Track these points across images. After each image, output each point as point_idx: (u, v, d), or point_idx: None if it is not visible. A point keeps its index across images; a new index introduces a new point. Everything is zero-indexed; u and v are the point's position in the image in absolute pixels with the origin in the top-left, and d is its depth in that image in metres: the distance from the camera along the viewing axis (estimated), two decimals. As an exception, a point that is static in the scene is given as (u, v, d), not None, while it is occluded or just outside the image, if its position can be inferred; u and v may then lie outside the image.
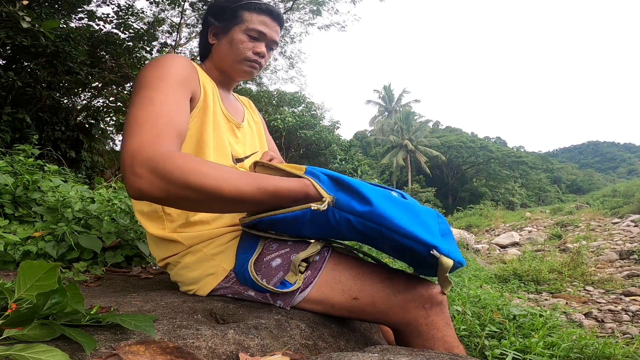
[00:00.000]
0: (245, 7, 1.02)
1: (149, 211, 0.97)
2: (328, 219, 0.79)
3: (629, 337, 2.86)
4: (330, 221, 0.79)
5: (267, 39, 1.04)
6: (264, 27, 1.02)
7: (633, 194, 12.19)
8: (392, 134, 33.95)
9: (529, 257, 6.11)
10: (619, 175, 55.73)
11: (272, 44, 1.07)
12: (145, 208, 0.97)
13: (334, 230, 0.81)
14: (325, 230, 0.83)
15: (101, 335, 0.58)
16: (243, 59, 1.03)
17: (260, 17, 1.02)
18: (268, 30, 1.03)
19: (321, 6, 10.83)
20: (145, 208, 0.97)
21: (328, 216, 0.79)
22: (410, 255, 0.82)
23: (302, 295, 0.86)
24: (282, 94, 14.58)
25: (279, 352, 0.67)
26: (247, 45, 1.02)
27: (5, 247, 1.31)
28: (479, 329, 1.90)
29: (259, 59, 1.05)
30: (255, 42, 1.03)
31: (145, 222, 0.98)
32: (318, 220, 0.80)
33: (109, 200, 1.73)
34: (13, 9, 2.66)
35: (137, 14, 6.27)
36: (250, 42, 1.02)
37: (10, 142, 4.25)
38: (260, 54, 1.04)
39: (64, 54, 4.65)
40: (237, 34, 1.02)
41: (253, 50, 1.03)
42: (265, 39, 1.04)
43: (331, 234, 0.85)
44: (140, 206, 0.98)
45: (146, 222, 0.97)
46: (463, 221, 14.33)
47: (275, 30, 1.05)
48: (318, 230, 0.84)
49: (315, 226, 0.82)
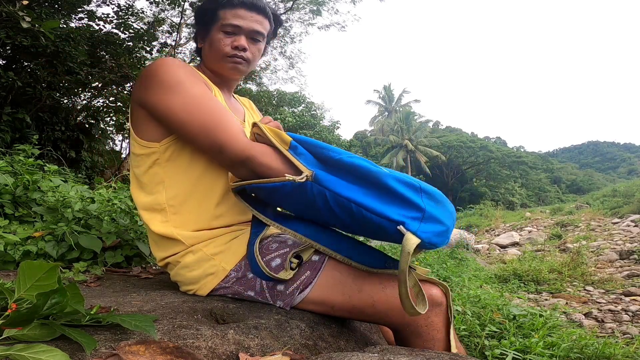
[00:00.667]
0: (220, 6, 1.02)
1: (152, 204, 0.96)
2: (306, 193, 0.81)
3: (629, 337, 2.86)
4: (308, 195, 0.81)
5: (244, 30, 1.02)
6: (238, 20, 1.01)
7: (633, 194, 12.18)
8: (392, 134, 33.95)
9: (529, 257, 6.11)
10: (619, 175, 55.71)
11: (254, 34, 1.04)
12: (146, 200, 0.97)
13: (311, 206, 0.83)
14: (303, 205, 0.86)
15: (101, 335, 0.58)
16: (223, 56, 1.03)
17: (233, 11, 1.01)
18: (244, 22, 1.01)
19: (321, 6, 10.83)
20: (146, 200, 0.97)
21: (306, 190, 0.80)
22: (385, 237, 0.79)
23: (302, 296, 0.86)
24: (282, 94, 14.59)
25: (279, 352, 0.67)
26: (225, 42, 1.02)
27: (5, 247, 1.31)
28: (479, 329, 1.90)
29: (240, 52, 1.03)
30: (232, 37, 1.02)
31: (147, 215, 0.97)
32: (297, 194, 0.82)
33: (109, 200, 1.73)
34: (13, 9, 2.66)
35: (137, 14, 6.26)
36: (227, 38, 1.02)
37: (10, 142, 4.25)
38: (239, 47, 1.02)
39: (64, 54, 4.64)
40: (215, 33, 1.03)
41: (231, 45, 1.02)
42: (243, 31, 1.02)
43: (309, 210, 0.87)
44: (141, 198, 0.98)
45: (148, 216, 0.97)
46: (463, 221, 14.32)
47: (254, 20, 1.03)
48: (296, 205, 0.89)
49: (293, 199, 0.86)
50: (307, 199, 0.82)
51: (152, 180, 0.96)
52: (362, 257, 0.87)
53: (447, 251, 6.11)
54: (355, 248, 0.89)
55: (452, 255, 5.86)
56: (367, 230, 0.82)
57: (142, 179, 0.98)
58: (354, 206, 0.75)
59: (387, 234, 0.75)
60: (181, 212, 0.95)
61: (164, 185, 0.95)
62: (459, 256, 5.88)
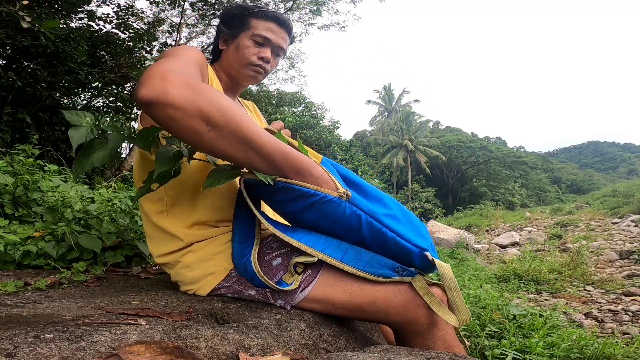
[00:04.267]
0: (253, 15, 1.07)
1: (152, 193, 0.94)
2: (337, 212, 0.79)
3: (629, 337, 2.86)
4: (337, 214, 0.79)
5: (272, 44, 1.08)
6: (269, 33, 1.07)
7: (633, 194, 12.18)
8: (392, 134, 33.93)
9: (529, 257, 6.11)
10: (619, 175, 55.74)
11: (279, 50, 1.11)
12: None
13: (337, 224, 0.82)
14: (326, 222, 0.83)
15: (101, 335, 0.58)
16: (248, 64, 1.07)
17: (266, 24, 1.07)
18: (274, 36, 1.07)
19: (321, 6, 10.81)
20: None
21: (339, 209, 0.79)
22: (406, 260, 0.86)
23: (302, 295, 0.86)
24: (282, 94, 14.59)
25: (279, 352, 0.67)
26: (252, 51, 1.07)
27: (5, 247, 1.31)
28: (479, 329, 1.90)
29: (264, 64, 1.08)
30: (260, 48, 1.07)
31: (147, 204, 0.97)
32: (325, 210, 0.79)
33: (109, 200, 1.73)
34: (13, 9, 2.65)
35: (137, 14, 6.26)
36: (255, 47, 1.07)
37: (10, 142, 4.25)
38: (265, 59, 1.08)
39: (64, 54, 4.65)
40: (244, 39, 1.07)
41: (258, 55, 1.07)
42: (271, 44, 1.08)
43: (331, 227, 0.84)
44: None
45: (148, 204, 0.97)
46: (463, 221, 14.32)
47: (281, 37, 1.09)
48: (319, 220, 0.83)
49: (318, 214, 0.81)
50: (334, 217, 0.80)
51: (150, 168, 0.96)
52: (371, 268, 0.84)
53: (447, 251, 6.12)
54: (360, 258, 0.85)
55: (452, 255, 5.87)
56: (388, 252, 0.85)
57: (142, 167, 0.98)
58: (389, 233, 0.82)
59: (410, 258, 0.84)
60: (178, 203, 0.95)
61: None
62: (459, 256, 5.88)
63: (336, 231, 0.85)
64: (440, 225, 8.84)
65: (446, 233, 7.93)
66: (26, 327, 0.58)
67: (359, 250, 0.85)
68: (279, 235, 0.83)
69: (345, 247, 0.85)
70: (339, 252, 0.85)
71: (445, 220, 16.52)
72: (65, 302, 0.86)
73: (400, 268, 0.85)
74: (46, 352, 0.49)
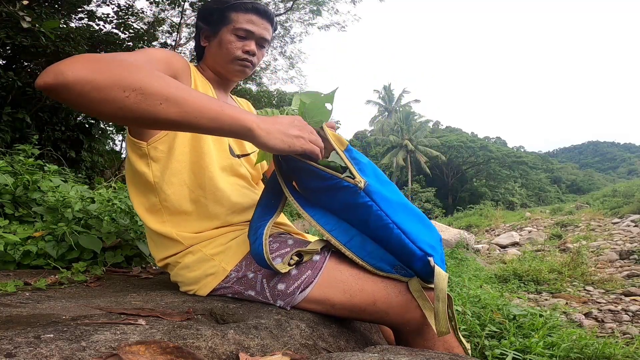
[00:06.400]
0: (232, 8, 1.03)
1: (149, 206, 0.97)
2: (350, 199, 0.81)
3: (629, 337, 2.86)
4: (350, 201, 0.81)
5: (255, 36, 1.05)
6: (251, 26, 1.04)
7: (633, 194, 12.18)
8: (392, 134, 33.93)
9: (529, 257, 6.10)
10: (619, 175, 55.74)
11: (262, 42, 1.08)
12: (143, 200, 0.97)
13: (348, 210, 0.84)
14: (338, 207, 0.86)
15: (101, 335, 0.58)
16: (234, 59, 1.05)
17: (246, 16, 1.03)
18: (256, 28, 1.04)
19: (321, 6, 10.80)
20: (143, 200, 0.97)
21: (354, 197, 0.81)
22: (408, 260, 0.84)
23: (302, 295, 0.86)
24: (282, 94, 14.56)
25: (279, 352, 0.67)
26: (236, 45, 1.04)
27: (5, 247, 1.31)
28: (479, 329, 1.90)
29: (250, 57, 1.06)
30: (244, 41, 1.05)
31: (146, 215, 0.97)
32: (339, 195, 0.83)
33: (109, 200, 1.73)
34: (13, 9, 2.66)
35: (137, 14, 6.27)
36: (238, 42, 1.04)
37: (10, 142, 4.25)
38: (250, 52, 1.05)
39: (64, 54, 4.64)
40: (226, 34, 1.04)
41: (242, 49, 1.04)
42: (254, 36, 1.05)
43: (341, 214, 0.87)
44: (139, 199, 0.98)
45: (147, 216, 0.97)
46: (463, 221, 14.31)
47: (263, 27, 1.06)
48: (332, 204, 0.87)
49: (332, 198, 0.85)
50: (347, 203, 0.83)
51: (140, 180, 0.96)
52: (371, 259, 0.86)
53: (448, 251, 6.11)
54: (364, 248, 0.86)
55: (452, 255, 5.86)
56: (390, 248, 0.84)
57: (133, 180, 0.99)
58: (395, 229, 0.80)
59: (411, 259, 0.82)
60: (176, 213, 0.95)
61: (154, 187, 0.95)
62: (459, 256, 5.88)
63: (347, 217, 0.87)
64: (440, 225, 8.85)
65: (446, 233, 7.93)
66: (26, 327, 0.58)
67: (365, 240, 0.86)
68: (297, 207, 0.88)
69: (353, 233, 0.87)
70: (345, 236, 0.87)
71: (445, 220, 16.52)
72: (65, 302, 0.86)
73: (400, 267, 0.86)
74: (46, 352, 0.49)
